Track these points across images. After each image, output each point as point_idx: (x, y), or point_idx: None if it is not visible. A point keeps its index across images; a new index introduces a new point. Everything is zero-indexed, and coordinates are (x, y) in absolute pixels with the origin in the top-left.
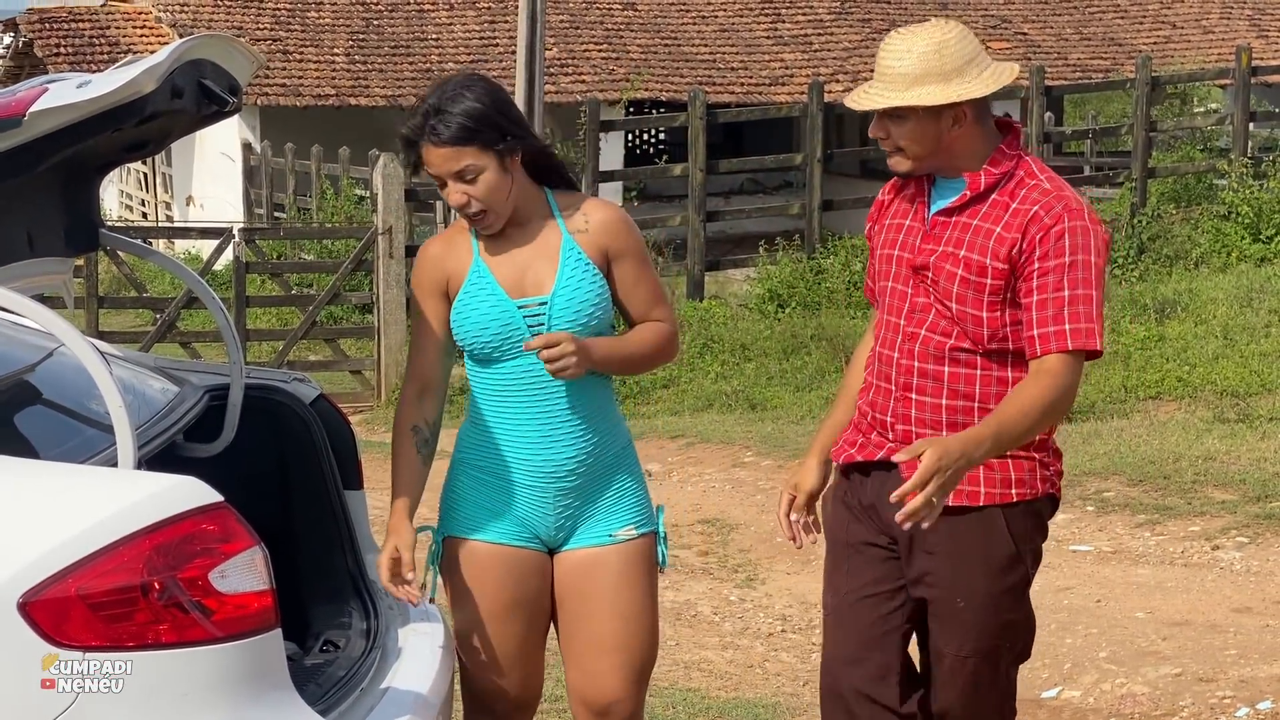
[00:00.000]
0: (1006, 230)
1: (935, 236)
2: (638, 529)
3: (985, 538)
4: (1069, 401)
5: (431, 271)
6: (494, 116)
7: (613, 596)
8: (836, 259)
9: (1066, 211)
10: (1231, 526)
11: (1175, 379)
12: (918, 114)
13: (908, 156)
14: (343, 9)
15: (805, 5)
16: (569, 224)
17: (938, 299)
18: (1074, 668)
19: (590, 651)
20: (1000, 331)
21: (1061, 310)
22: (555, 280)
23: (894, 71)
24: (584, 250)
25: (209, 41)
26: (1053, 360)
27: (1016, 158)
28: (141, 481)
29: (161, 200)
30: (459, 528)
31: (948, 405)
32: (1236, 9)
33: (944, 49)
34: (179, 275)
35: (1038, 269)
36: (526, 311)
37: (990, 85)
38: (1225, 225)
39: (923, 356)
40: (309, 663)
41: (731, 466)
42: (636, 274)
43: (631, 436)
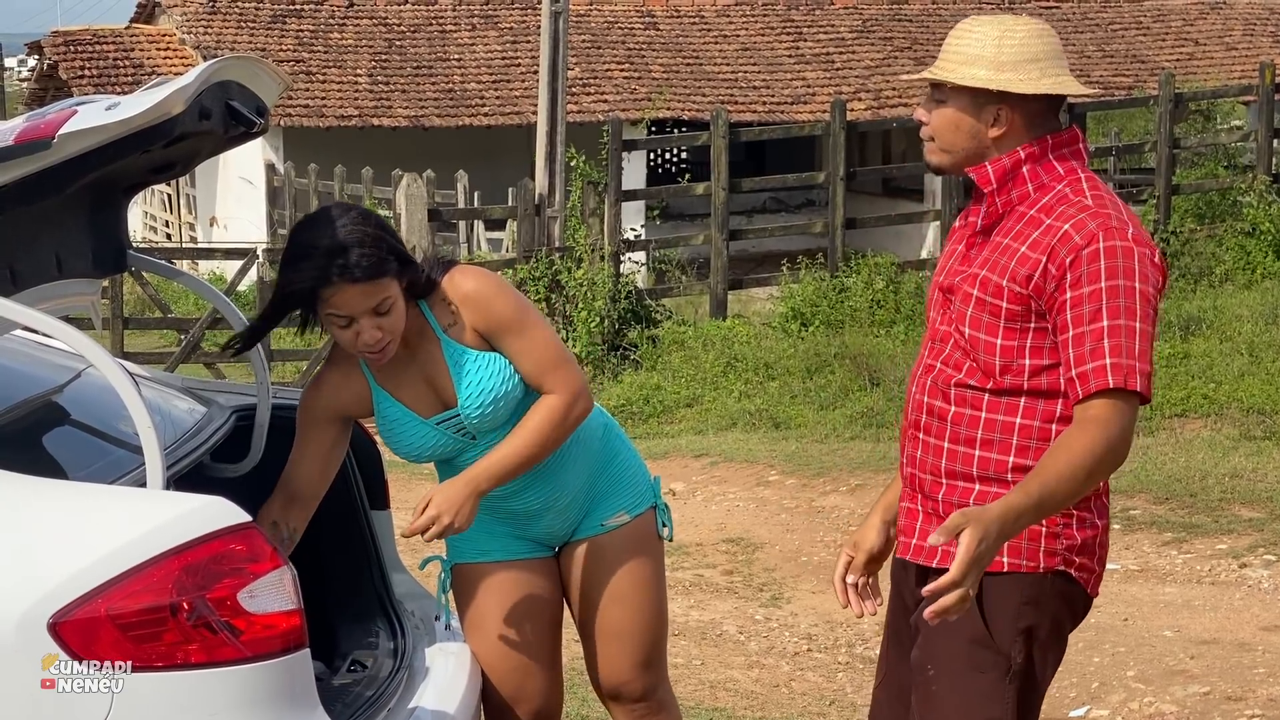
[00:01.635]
0: (1032, 249)
1: (969, 258)
2: (630, 512)
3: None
4: (1120, 453)
5: (327, 403)
6: (388, 240)
7: (610, 584)
8: (860, 277)
9: (1103, 230)
10: (1259, 544)
11: (1201, 396)
12: (959, 100)
13: (940, 148)
14: (365, 30)
15: (827, 24)
16: (440, 320)
17: (956, 325)
18: (1102, 686)
19: (597, 637)
20: (1014, 363)
21: (1100, 342)
22: (457, 391)
23: (950, 50)
24: (462, 343)
25: (236, 63)
26: (1098, 406)
27: (1072, 171)
28: (170, 502)
29: (185, 221)
30: (464, 554)
31: (949, 449)
32: (1260, 26)
33: (1006, 38)
34: (206, 296)
35: (1070, 298)
36: (447, 425)
37: (1038, 88)
38: (1249, 242)
39: (932, 392)
40: (337, 683)
41: (756, 485)
42: (517, 345)
43: (608, 416)
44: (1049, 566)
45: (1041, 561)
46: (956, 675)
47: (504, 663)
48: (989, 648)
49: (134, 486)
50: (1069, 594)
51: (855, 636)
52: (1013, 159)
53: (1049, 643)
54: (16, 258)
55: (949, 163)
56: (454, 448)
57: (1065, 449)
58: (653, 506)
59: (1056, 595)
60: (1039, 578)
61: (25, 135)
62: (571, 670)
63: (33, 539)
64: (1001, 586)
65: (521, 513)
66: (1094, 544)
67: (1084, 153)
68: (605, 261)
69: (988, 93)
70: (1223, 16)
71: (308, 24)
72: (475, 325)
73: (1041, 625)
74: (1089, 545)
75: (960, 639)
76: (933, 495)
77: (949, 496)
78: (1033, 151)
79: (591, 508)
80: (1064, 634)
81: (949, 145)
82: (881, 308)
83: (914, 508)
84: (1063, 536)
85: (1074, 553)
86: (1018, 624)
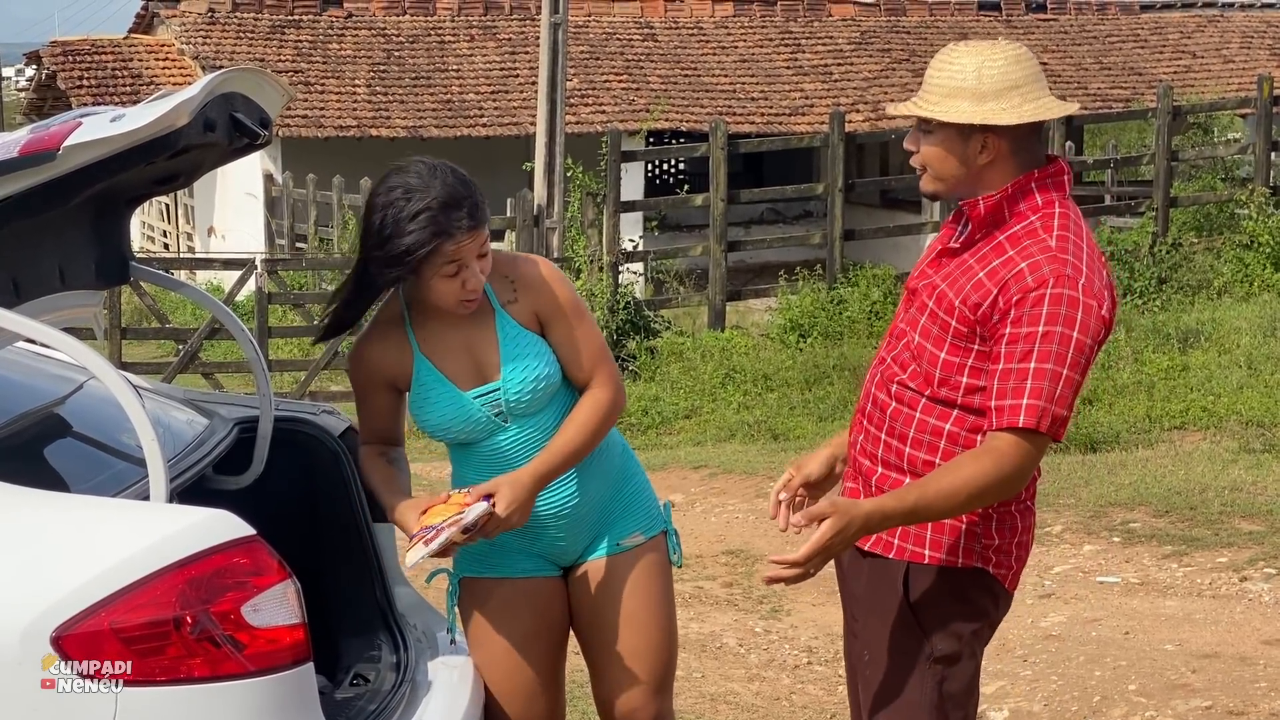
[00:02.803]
0: (989, 278)
1: (939, 265)
2: (645, 534)
3: (887, 592)
4: (1011, 487)
5: (372, 372)
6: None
7: (624, 606)
8: (858, 289)
9: (1055, 276)
10: (1259, 557)
11: (1200, 409)
12: (945, 132)
13: (933, 176)
14: (364, 41)
15: (825, 36)
16: (499, 296)
17: (910, 327)
18: (1103, 700)
19: (608, 662)
20: (952, 378)
21: (1023, 383)
22: (500, 365)
23: (932, 82)
24: (517, 320)
25: (240, 75)
26: (1003, 440)
27: (1049, 203)
28: (174, 515)
29: (183, 231)
30: (471, 568)
31: (884, 440)
32: (1257, 39)
33: (985, 68)
34: (208, 307)
35: (1009, 334)
36: (483, 400)
37: (1021, 117)
38: (1247, 255)
39: (880, 385)
40: (339, 696)
41: (755, 497)
42: (569, 333)
43: (625, 441)
44: (967, 563)
45: (960, 558)
46: (885, 657)
47: (508, 682)
48: (914, 635)
49: (137, 499)
50: (988, 587)
51: None
52: (1001, 195)
53: (968, 632)
54: (19, 269)
55: (944, 190)
56: (483, 429)
57: (955, 470)
58: (664, 531)
59: (976, 588)
60: (959, 572)
61: (30, 147)
62: (571, 683)
63: (35, 552)
64: (925, 578)
65: (537, 520)
66: (1012, 544)
67: (1066, 184)
68: (604, 272)
69: (972, 125)
70: (1220, 29)
71: (306, 35)
72: (535, 307)
73: (962, 615)
74: (1007, 545)
75: (888, 622)
76: (869, 479)
77: (881, 484)
78: (1018, 186)
79: (605, 528)
80: (984, 625)
81: (941, 174)
82: (879, 319)
83: (855, 487)
84: (982, 537)
85: (992, 551)
86: (938, 613)
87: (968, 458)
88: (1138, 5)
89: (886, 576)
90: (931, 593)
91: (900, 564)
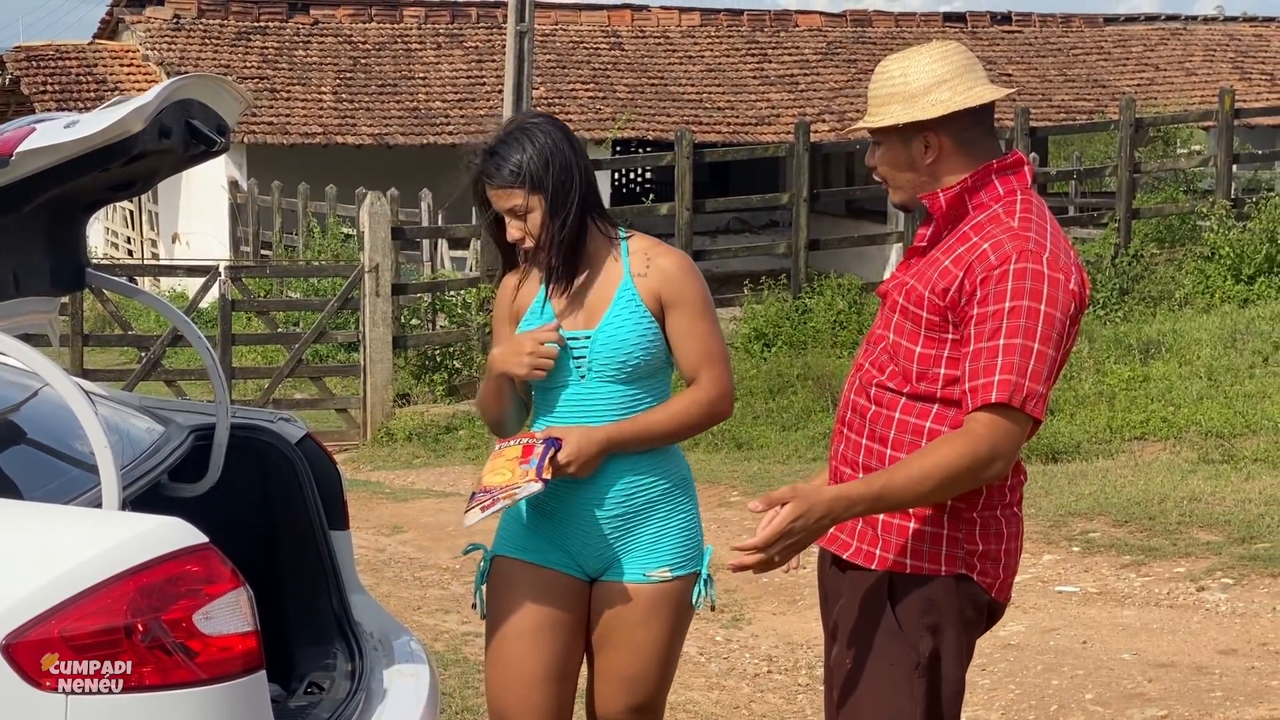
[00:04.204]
0: (955, 265)
1: (909, 267)
2: (673, 571)
3: (872, 603)
4: (986, 469)
5: (505, 300)
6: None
7: (631, 633)
8: (822, 298)
9: (1017, 251)
10: (1217, 568)
11: (1160, 419)
12: (889, 140)
13: (893, 187)
14: (330, 48)
15: (791, 45)
16: (634, 267)
17: (886, 330)
18: (1060, 709)
19: (601, 673)
20: (930, 371)
21: (994, 360)
22: (602, 318)
23: (870, 95)
24: (639, 293)
25: (197, 82)
26: (977, 419)
27: (1011, 192)
28: (126, 522)
29: (147, 238)
30: (505, 547)
31: (865, 445)
32: (1219, 51)
33: (910, 69)
34: (165, 314)
35: (976, 314)
36: (573, 343)
37: (947, 107)
38: (1208, 266)
39: (858, 391)
40: (293, 705)
41: (718, 506)
42: (689, 326)
43: (690, 476)
44: (950, 570)
45: (943, 565)
46: (869, 666)
47: (514, 666)
48: (899, 642)
49: (89, 507)
50: (973, 596)
51: (815, 658)
52: (961, 186)
53: (955, 639)
54: None
55: (906, 198)
56: (562, 374)
57: (925, 454)
58: (695, 573)
59: (960, 596)
60: (941, 580)
61: None
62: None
63: None
64: (909, 587)
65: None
66: (999, 552)
67: (1027, 174)
68: None
69: (910, 126)
70: (1183, 42)
71: (272, 41)
72: (660, 289)
73: (946, 623)
74: (992, 553)
75: (873, 632)
76: None
77: None
78: (978, 176)
79: (633, 551)
80: (972, 632)
81: (898, 183)
82: (844, 329)
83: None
84: (964, 542)
85: (975, 558)
86: (923, 621)
87: (940, 441)
88: (1102, 18)
89: (870, 588)
90: (917, 602)
91: (883, 575)
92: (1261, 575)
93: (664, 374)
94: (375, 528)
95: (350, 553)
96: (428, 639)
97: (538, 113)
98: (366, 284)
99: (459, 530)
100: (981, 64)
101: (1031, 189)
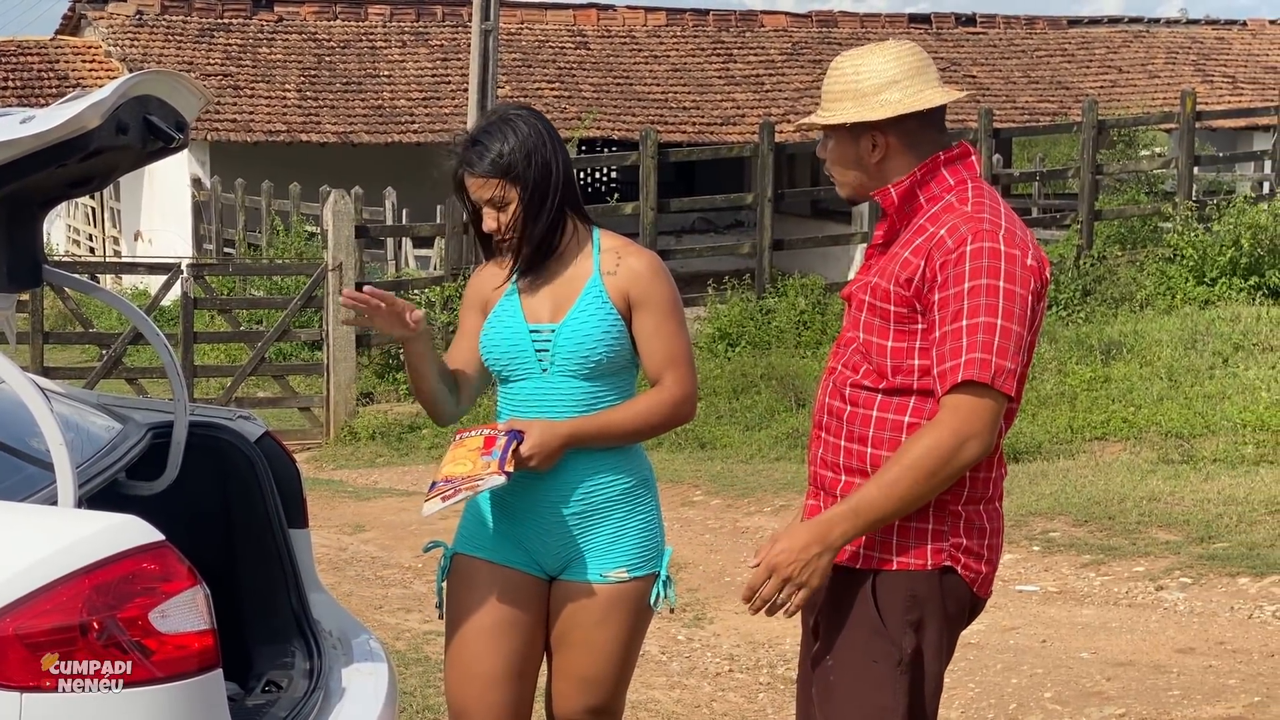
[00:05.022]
0: (914, 255)
1: (869, 268)
2: (631, 572)
3: (855, 602)
4: (972, 448)
5: (477, 288)
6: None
7: (589, 633)
8: (786, 299)
9: (972, 233)
10: (1175, 567)
11: (1120, 420)
12: (838, 136)
13: (841, 181)
14: (294, 45)
15: (757, 46)
16: (604, 265)
17: (855, 330)
18: (1019, 708)
19: (559, 675)
20: (905, 364)
21: (959, 341)
22: (568, 312)
23: (824, 91)
24: (607, 291)
25: (155, 78)
26: (947, 403)
27: (961, 181)
28: (81, 520)
29: (110, 235)
30: (465, 545)
31: (845, 447)
32: (1182, 54)
33: (863, 68)
34: (123, 311)
35: (938, 299)
36: (536, 336)
37: (895, 109)
38: (1170, 268)
39: (833, 393)
40: (250, 703)
41: (680, 506)
42: (655, 327)
43: (653, 477)
44: (935, 564)
45: (928, 559)
46: (852, 664)
47: (474, 665)
48: (882, 638)
49: (45, 504)
50: (956, 590)
51: (777, 657)
52: (910, 179)
53: (938, 635)
54: None
55: (853, 193)
56: (524, 365)
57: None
58: (654, 574)
59: (944, 590)
60: (926, 574)
61: None
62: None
63: None
64: (893, 582)
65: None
66: (981, 547)
67: (974, 163)
68: None
69: (859, 124)
70: (1146, 45)
71: (236, 38)
72: (628, 289)
73: (930, 618)
74: (975, 547)
75: (856, 630)
76: (833, 491)
77: (845, 492)
78: (926, 169)
79: (591, 550)
80: (954, 628)
81: (845, 179)
82: (808, 329)
83: (818, 504)
84: (949, 535)
85: (959, 551)
86: (907, 617)
87: (909, 440)
88: (1065, 20)
89: (853, 587)
90: (900, 599)
91: (867, 573)
92: (1219, 575)
93: (628, 373)
94: (338, 526)
95: (310, 551)
96: (389, 638)
97: (521, 104)
98: (330, 282)
99: (421, 529)
100: (935, 66)
101: (980, 178)
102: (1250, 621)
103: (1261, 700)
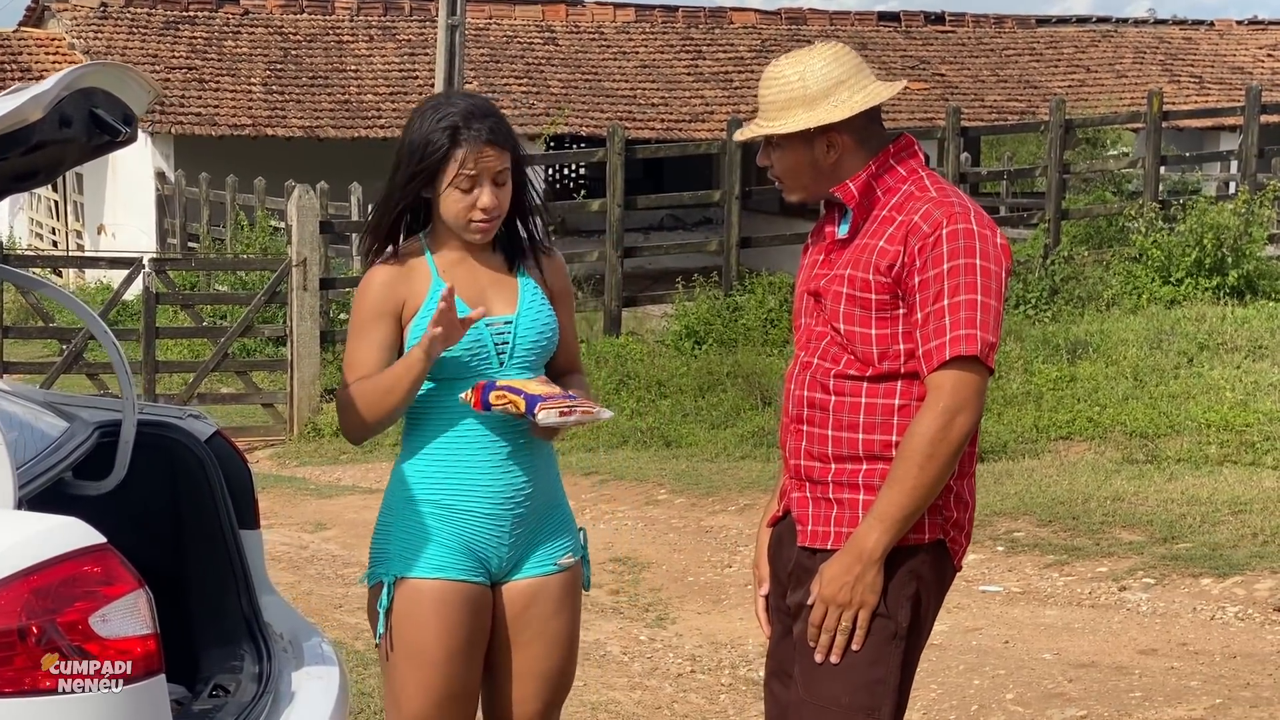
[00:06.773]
0: (889, 243)
1: (831, 262)
2: (574, 555)
3: None
4: (953, 426)
5: (384, 295)
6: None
7: (546, 625)
8: (754, 296)
9: (946, 216)
10: (1138, 567)
11: (1086, 419)
12: (791, 143)
13: (792, 187)
14: (260, 38)
15: (725, 43)
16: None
17: (830, 324)
18: (981, 709)
19: (514, 677)
20: (890, 349)
21: (943, 320)
22: (518, 302)
23: (764, 100)
24: (536, 284)
25: (101, 70)
26: (934, 380)
27: (914, 171)
28: (20, 522)
29: (73, 229)
30: (411, 567)
31: (833, 436)
32: (1149, 54)
33: (807, 74)
34: (70, 307)
35: (919, 282)
36: (493, 330)
37: (852, 109)
38: (1136, 268)
39: (812, 386)
40: (197, 708)
41: (645, 504)
42: (567, 321)
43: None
44: (932, 537)
45: (926, 533)
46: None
47: (433, 692)
48: (880, 613)
49: None
50: (942, 562)
51: (739, 658)
52: (867, 173)
53: (929, 606)
54: None
55: (807, 196)
56: (482, 360)
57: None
58: (582, 555)
59: (935, 562)
60: (924, 549)
61: None
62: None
63: None
64: (892, 560)
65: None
66: (964, 519)
67: (920, 153)
68: None
69: (816, 128)
70: (1114, 44)
71: (201, 31)
72: (551, 283)
73: (925, 591)
74: (961, 521)
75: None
76: (821, 479)
77: (838, 478)
78: (880, 163)
79: (542, 542)
80: (941, 598)
81: (798, 184)
82: (775, 326)
83: (804, 495)
84: (943, 510)
85: (950, 525)
86: (904, 592)
87: (913, 422)
88: (1034, 19)
89: None
90: (900, 575)
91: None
92: (1182, 575)
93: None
94: (299, 524)
95: (261, 553)
96: (348, 637)
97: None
98: (294, 278)
99: None
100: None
101: (929, 168)
102: (1213, 623)
103: (1223, 702)
